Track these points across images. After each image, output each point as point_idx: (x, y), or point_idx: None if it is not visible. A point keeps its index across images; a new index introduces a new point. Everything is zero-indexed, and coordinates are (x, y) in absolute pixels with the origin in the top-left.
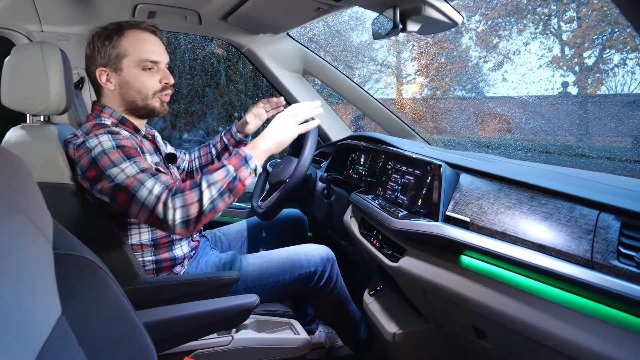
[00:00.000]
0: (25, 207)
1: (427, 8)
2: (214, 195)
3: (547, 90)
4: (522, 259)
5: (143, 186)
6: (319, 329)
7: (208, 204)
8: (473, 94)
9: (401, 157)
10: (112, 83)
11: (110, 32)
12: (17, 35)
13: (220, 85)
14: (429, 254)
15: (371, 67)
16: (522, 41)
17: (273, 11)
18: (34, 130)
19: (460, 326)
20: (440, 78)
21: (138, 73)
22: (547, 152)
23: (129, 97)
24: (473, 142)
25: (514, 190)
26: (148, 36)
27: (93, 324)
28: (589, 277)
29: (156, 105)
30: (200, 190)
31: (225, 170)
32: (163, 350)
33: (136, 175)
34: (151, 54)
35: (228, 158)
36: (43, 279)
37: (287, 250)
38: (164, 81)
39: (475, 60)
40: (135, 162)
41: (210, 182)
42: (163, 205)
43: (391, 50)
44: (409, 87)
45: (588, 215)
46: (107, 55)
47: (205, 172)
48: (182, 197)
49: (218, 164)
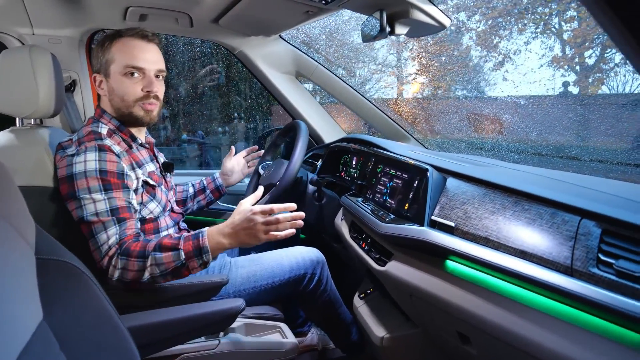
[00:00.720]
0: (5, 212)
1: (415, 11)
2: (155, 274)
3: (548, 90)
4: (503, 265)
5: (104, 231)
6: (311, 331)
7: (148, 278)
8: (474, 93)
9: (390, 161)
10: (103, 89)
11: (105, 38)
12: (8, 38)
13: (219, 85)
14: (415, 258)
15: (372, 67)
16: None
17: (263, 14)
18: (22, 134)
19: (445, 331)
20: (441, 78)
21: (121, 79)
22: (540, 155)
23: (115, 104)
24: (468, 144)
25: (498, 195)
26: (137, 42)
27: (76, 329)
28: (568, 284)
29: (140, 114)
30: (145, 264)
31: (177, 254)
32: (148, 355)
33: (104, 216)
34: (134, 60)
35: (187, 238)
36: (23, 284)
37: (276, 253)
38: (146, 89)
39: (476, 59)
40: (110, 197)
41: (158, 262)
42: (108, 259)
43: (392, 50)
44: (409, 87)
45: (570, 221)
46: (99, 62)
47: (157, 247)
48: (125, 261)
49: (173, 242)
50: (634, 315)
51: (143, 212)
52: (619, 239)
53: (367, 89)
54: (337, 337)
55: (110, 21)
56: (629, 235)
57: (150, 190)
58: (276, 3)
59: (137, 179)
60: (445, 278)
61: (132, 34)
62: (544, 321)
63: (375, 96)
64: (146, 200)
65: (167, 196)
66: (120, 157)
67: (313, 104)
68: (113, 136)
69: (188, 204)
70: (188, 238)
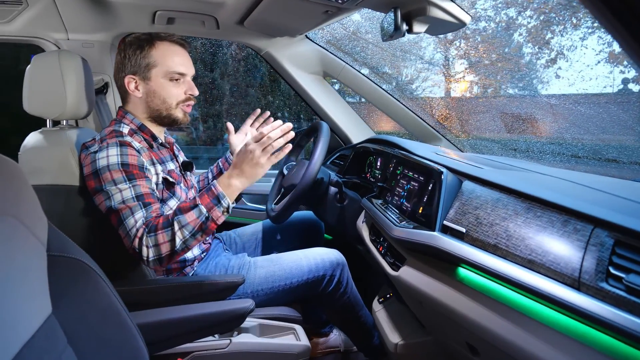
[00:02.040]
0: (16, 211)
1: (432, 8)
2: (186, 236)
3: (606, 88)
4: (509, 274)
5: (132, 216)
6: (334, 332)
7: (180, 244)
8: (526, 91)
9: (409, 162)
10: (139, 91)
11: (142, 42)
12: (46, 43)
13: (263, 85)
14: (427, 264)
15: (418, 66)
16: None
17: (284, 14)
18: (50, 135)
19: (455, 341)
20: (491, 76)
21: (165, 83)
22: (577, 157)
23: (154, 106)
24: (502, 145)
25: (512, 201)
26: (177, 49)
27: (83, 324)
28: (573, 299)
29: (179, 116)
30: (173, 231)
31: (198, 210)
32: (157, 352)
33: (130, 202)
34: (179, 66)
35: (201, 194)
36: (32, 279)
37: (296, 254)
38: (189, 92)
39: (528, 57)
40: (134, 185)
41: (183, 223)
42: (139, 241)
43: (439, 48)
44: (457, 86)
45: (582, 230)
46: (137, 64)
47: (177, 212)
48: (154, 237)
49: (190, 202)
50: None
51: (163, 209)
52: (632, 251)
53: (414, 88)
54: (358, 340)
55: (140, 25)
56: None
57: (170, 187)
58: (295, 4)
59: (156, 174)
60: (455, 286)
61: (172, 40)
62: (551, 337)
63: (422, 95)
64: (166, 197)
65: (187, 194)
66: (141, 153)
67: (341, 105)
68: (134, 136)
69: None
70: (202, 194)
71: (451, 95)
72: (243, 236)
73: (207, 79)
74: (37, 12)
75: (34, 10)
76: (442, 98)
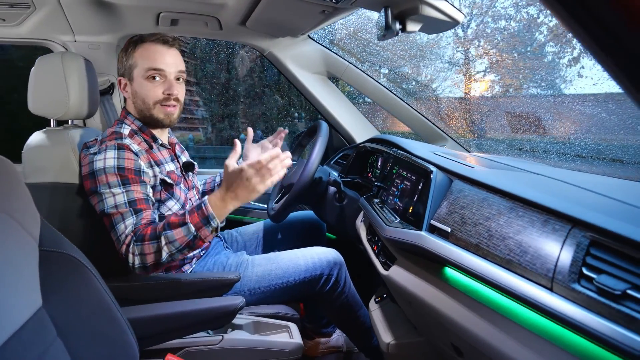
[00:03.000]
0: (8, 207)
1: (425, 7)
2: (172, 251)
3: None
4: (488, 275)
5: (122, 222)
6: (336, 332)
7: (166, 257)
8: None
9: (404, 162)
10: (127, 92)
11: (129, 44)
12: (54, 45)
13: (279, 84)
14: (415, 264)
15: (438, 65)
16: None
17: (283, 15)
18: (52, 135)
19: (442, 342)
20: (513, 75)
21: (143, 83)
22: (581, 157)
23: (138, 106)
24: (507, 144)
25: (497, 200)
26: (158, 47)
27: (73, 317)
28: (545, 299)
29: (160, 116)
30: (159, 245)
31: (187, 229)
32: (148, 346)
33: (122, 207)
34: (155, 63)
35: (191, 212)
36: (22, 273)
37: (293, 253)
38: (167, 92)
39: (550, 56)
40: (128, 190)
41: (170, 239)
42: (126, 247)
43: (459, 47)
44: (477, 85)
45: (560, 230)
46: (123, 66)
47: (166, 226)
48: (140, 246)
49: (180, 218)
50: (609, 340)
51: (162, 209)
52: (606, 251)
53: (434, 87)
54: (357, 340)
55: (144, 27)
56: (616, 247)
57: (169, 188)
58: (293, 4)
59: (154, 176)
60: (440, 287)
61: (154, 39)
62: (527, 338)
63: (441, 95)
64: (164, 198)
65: (186, 195)
66: (139, 156)
67: (345, 104)
68: (134, 137)
69: None
70: (192, 211)
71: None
72: (244, 235)
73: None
74: (44, 15)
75: (41, 13)
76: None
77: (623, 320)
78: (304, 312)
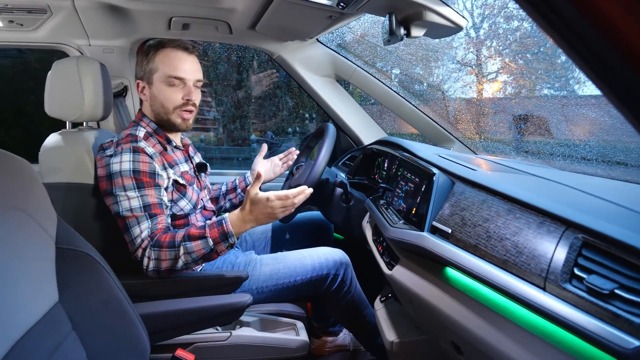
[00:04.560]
0: (25, 206)
1: (428, 13)
2: (189, 261)
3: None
4: (485, 275)
5: (137, 226)
6: (343, 331)
7: (182, 265)
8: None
9: (408, 164)
10: (145, 95)
11: (149, 48)
12: (69, 49)
13: (290, 86)
14: (417, 264)
15: (450, 66)
16: None
17: (292, 19)
18: (68, 136)
19: (443, 340)
20: (525, 76)
21: (164, 88)
22: (586, 159)
23: (156, 110)
24: (514, 147)
25: (496, 202)
26: (180, 54)
27: (87, 312)
28: (538, 298)
29: (177, 121)
30: (177, 254)
31: (205, 242)
32: (159, 341)
33: (137, 211)
34: (176, 71)
35: (212, 226)
36: (40, 269)
37: (301, 253)
38: (186, 97)
39: (564, 57)
40: (143, 195)
41: (189, 250)
42: (142, 251)
43: (471, 48)
44: (489, 86)
45: (554, 231)
46: (143, 69)
47: (186, 237)
48: (158, 252)
49: (200, 231)
50: (596, 338)
51: (174, 208)
52: (597, 252)
53: (446, 88)
54: (363, 339)
55: (156, 31)
56: (606, 248)
57: (181, 188)
58: (300, 9)
59: (168, 178)
60: (441, 286)
61: (175, 45)
62: (522, 336)
63: (453, 96)
64: (177, 198)
65: (198, 195)
66: (153, 158)
67: (353, 106)
68: (149, 139)
69: (220, 201)
70: (212, 226)
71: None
72: (253, 234)
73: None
74: (60, 20)
75: (57, 18)
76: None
77: (609, 318)
78: (311, 311)
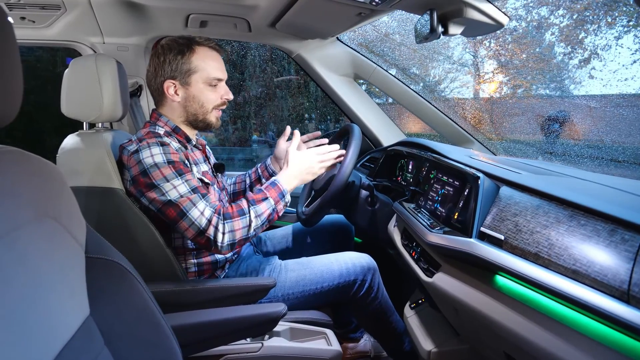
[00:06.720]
0: (56, 213)
1: (469, 10)
2: (258, 225)
3: None
4: (551, 285)
5: (195, 207)
6: (364, 337)
7: (252, 231)
8: (557, 92)
9: (443, 166)
10: (178, 95)
11: (182, 46)
12: (82, 47)
13: (290, 86)
14: (462, 271)
15: (446, 66)
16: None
17: (316, 17)
18: (87, 138)
19: (492, 350)
20: (522, 76)
21: (204, 88)
22: (616, 161)
23: (192, 110)
24: (537, 148)
25: (553, 208)
26: (215, 54)
27: (119, 325)
28: (621, 312)
29: (212, 120)
30: (249, 219)
31: (268, 202)
32: (191, 354)
33: (188, 195)
34: (217, 72)
35: (267, 188)
36: (72, 281)
37: (327, 258)
38: (225, 97)
39: (560, 56)
40: (186, 180)
41: (258, 213)
42: (214, 228)
43: (468, 48)
44: (486, 86)
45: (630, 240)
46: (178, 69)
47: (252, 202)
48: (231, 223)
49: (260, 194)
50: None
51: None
52: None
53: (442, 88)
54: (388, 346)
55: (173, 29)
56: None
57: (205, 188)
58: (328, 6)
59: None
60: (492, 294)
61: (210, 45)
62: (596, 350)
63: (449, 96)
64: None
65: (219, 195)
66: (179, 152)
67: (372, 107)
68: (169, 137)
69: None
70: (268, 187)
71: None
72: (273, 239)
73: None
74: (75, 17)
75: (72, 15)
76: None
77: None
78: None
